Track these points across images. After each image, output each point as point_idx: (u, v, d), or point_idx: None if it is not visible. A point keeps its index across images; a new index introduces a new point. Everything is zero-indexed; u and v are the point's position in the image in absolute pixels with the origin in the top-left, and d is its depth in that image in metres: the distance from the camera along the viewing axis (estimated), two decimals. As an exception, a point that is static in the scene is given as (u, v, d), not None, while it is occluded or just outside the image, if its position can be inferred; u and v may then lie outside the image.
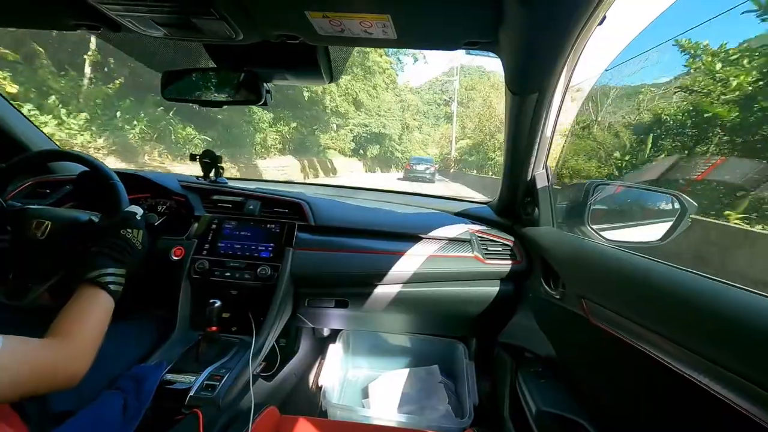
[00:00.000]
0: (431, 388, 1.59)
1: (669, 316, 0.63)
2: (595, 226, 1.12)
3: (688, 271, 0.67)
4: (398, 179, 19.28)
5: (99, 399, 0.77)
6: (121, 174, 1.06)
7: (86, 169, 1.05)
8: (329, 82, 1.11)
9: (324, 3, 0.69)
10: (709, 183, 3.43)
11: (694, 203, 0.97)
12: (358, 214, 1.35)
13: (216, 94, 1.05)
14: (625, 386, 0.80)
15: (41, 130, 1.51)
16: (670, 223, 0.99)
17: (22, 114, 1.44)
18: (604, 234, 1.11)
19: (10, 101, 1.40)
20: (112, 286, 0.78)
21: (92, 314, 0.72)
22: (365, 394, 1.60)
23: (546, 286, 1.09)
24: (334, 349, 1.63)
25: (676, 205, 1.00)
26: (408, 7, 0.69)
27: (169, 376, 0.91)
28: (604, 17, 0.70)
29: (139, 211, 0.95)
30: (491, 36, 0.78)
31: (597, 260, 0.91)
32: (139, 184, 1.27)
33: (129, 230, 0.88)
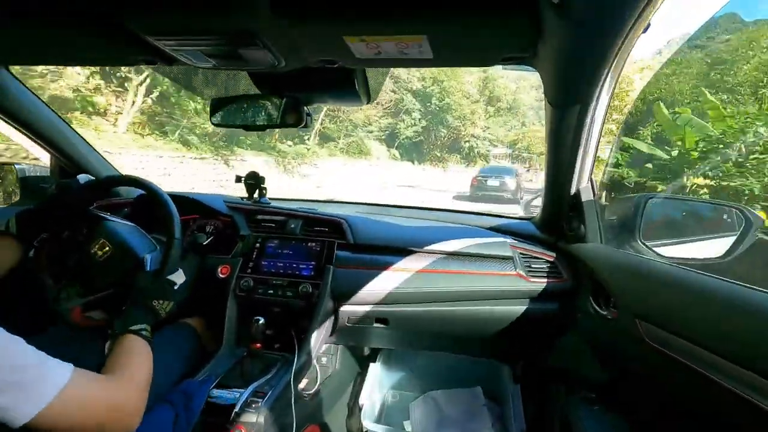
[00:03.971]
0: (474, 410, 1.53)
1: (739, 339, 0.58)
2: (648, 243, 1.05)
3: (757, 289, 0.61)
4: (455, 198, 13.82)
5: (151, 412, 0.80)
6: (174, 196, 1.12)
7: (143, 192, 1.13)
8: (366, 104, 1.14)
9: (361, 27, 0.71)
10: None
11: (761, 216, 0.90)
12: (397, 232, 1.35)
13: (260, 119, 1.09)
14: (688, 415, 0.73)
15: (105, 159, 1.64)
16: (734, 238, 0.91)
17: (87, 143, 1.57)
18: (659, 250, 1.04)
19: (76, 130, 1.54)
20: (144, 333, 0.83)
21: (140, 358, 0.77)
22: (406, 414, 1.57)
23: (596, 306, 1.03)
24: (374, 368, 1.61)
25: (740, 219, 0.93)
26: (444, 27, 0.70)
27: (215, 392, 0.93)
28: (649, 24, 0.67)
29: (179, 281, 0.99)
30: (529, 50, 0.77)
31: (653, 278, 0.85)
32: (189, 205, 1.34)
33: (161, 301, 0.93)
